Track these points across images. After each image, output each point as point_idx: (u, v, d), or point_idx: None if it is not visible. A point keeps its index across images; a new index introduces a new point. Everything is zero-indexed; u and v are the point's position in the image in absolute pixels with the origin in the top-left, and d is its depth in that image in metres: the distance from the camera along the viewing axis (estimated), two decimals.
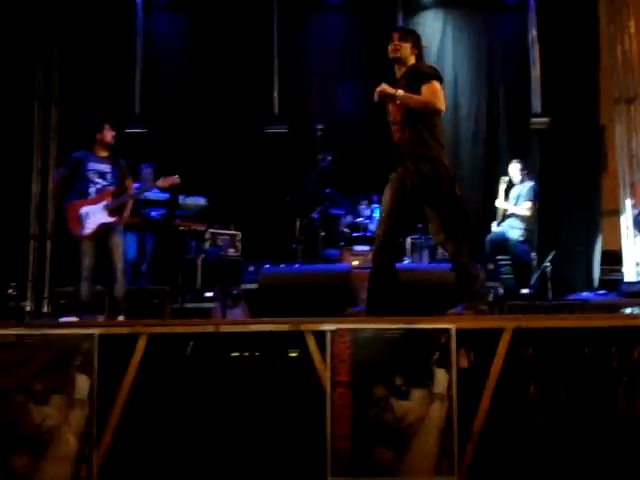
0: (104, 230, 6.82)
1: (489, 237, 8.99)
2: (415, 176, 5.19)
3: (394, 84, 5.30)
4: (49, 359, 4.36)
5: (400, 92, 5.15)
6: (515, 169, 9.20)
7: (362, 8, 11.04)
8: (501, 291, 8.59)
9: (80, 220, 6.79)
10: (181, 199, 8.51)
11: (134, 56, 11.02)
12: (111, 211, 6.83)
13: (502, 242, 8.94)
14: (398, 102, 5.18)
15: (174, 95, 10.79)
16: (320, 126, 8.96)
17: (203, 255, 9.04)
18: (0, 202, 9.93)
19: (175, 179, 7.13)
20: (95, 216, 6.79)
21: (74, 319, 6.60)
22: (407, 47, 5.26)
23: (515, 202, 9.04)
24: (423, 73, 5.23)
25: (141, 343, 4.44)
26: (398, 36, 5.29)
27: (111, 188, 6.91)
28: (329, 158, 9.00)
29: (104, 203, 6.81)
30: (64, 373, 4.34)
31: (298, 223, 9.08)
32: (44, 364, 4.36)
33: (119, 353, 4.47)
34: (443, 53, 11.04)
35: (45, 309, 9.89)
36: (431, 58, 10.88)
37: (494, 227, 9.09)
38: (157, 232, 8.88)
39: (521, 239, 8.89)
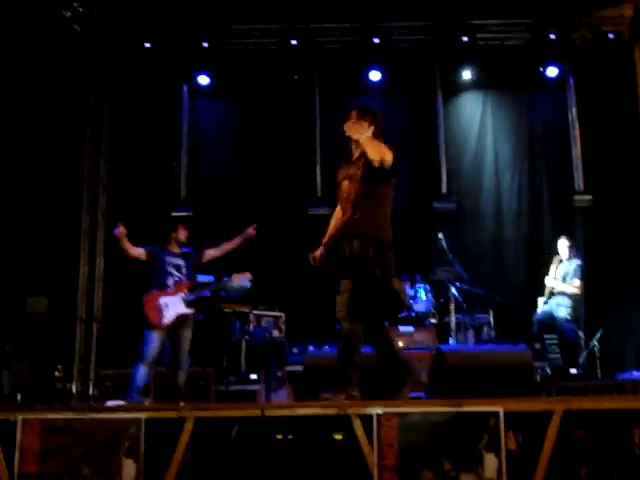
0: (178, 321, 6.97)
1: (536, 316, 8.89)
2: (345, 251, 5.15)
3: (350, 166, 5.35)
4: (96, 443, 4.37)
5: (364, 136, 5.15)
6: (563, 245, 9.11)
7: (402, 89, 11.22)
8: (549, 371, 8.44)
9: (159, 310, 6.97)
10: (226, 281, 8.58)
11: (180, 140, 11.30)
12: (188, 304, 7.01)
13: (550, 321, 8.83)
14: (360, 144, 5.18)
15: (219, 178, 10.99)
16: None
17: (247, 337, 9.07)
18: (49, 284, 10.07)
19: (248, 275, 7.32)
20: (174, 307, 6.97)
21: (121, 403, 6.62)
22: (364, 124, 5.25)
23: (563, 280, 8.93)
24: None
25: (187, 427, 4.44)
26: (356, 115, 5.30)
27: (187, 282, 7.17)
28: None
29: (181, 295, 7.00)
30: (111, 457, 4.35)
31: None
32: (91, 448, 4.37)
33: (166, 437, 4.47)
34: (484, 132, 11.17)
35: (91, 391, 9.92)
36: (472, 138, 11.09)
37: (541, 304, 8.97)
38: (202, 314, 8.93)
39: (568, 317, 8.78)
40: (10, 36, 9.25)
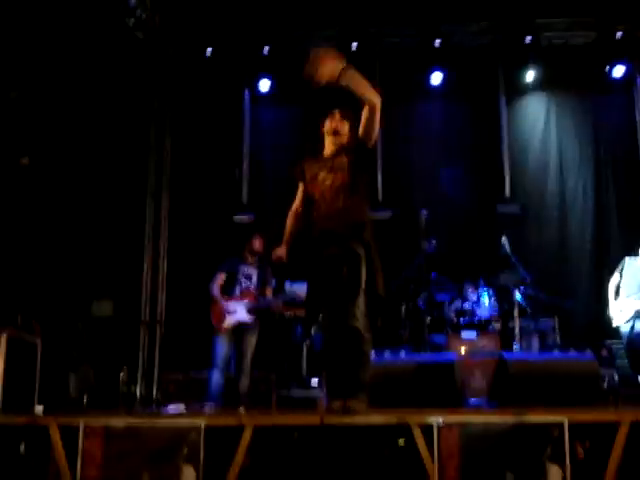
0: (240, 327, 7.03)
1: (629, 338, 8.44)
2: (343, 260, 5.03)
3: (327, 159, 5.34)
4: (156, 449, 4.40)
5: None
6: None
7: (464, 91, 11.11)
8: (616, 378, 8.23)
9: (222, 314, 7.11)
10: (287, 285, 8.59)
11: (242, 145, 11.37)
12: (250, 311, 7.09)
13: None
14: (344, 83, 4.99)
15: (280, 183, 10.98)
16: (424, 211, 8.97)
17: (309, 341, 9.06)
18: (114, 287, 10.23)
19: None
20: (236, 313, 7.08)
21: (182, 407, 6.69)
22: (346, 124, 5.34)
23: None
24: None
25: (247, 434, 4.44)
26: (340, 113, 5.36)
27: (254, 290, 7.34)
28: (434, 242, 8.98)
29: (246, 302, 7.08)
30: (171, 464, 4.37)
31: (404, 308, 9.03)
32: (151, 454, 4.40)
33: (225, 443, 4.47)
34: (548, 135, 11.00)
35: (154, 394, 10.03)
36: (535, 140, 10.94)
37: (622, 324, 8.32)
38: (262, 318, 8.96)
39: None
40: (75, 44, 9.42)
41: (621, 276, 8.53)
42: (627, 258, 8.60)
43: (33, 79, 9.14)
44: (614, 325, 8.43)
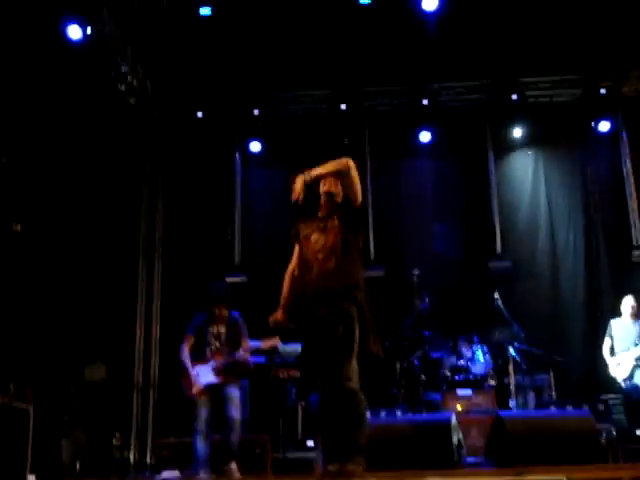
0: (214, 388, 6.95)
1: (628, 392, 8.58)
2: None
3: (320, 220, 5.42)
4: None
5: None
6: (628, 304, 8.86)
7: (453, 151, 11.26)
8: (614, 433, 8.16)
9: (192, 380, 6.99)
10: (280, 347, 8.55)
11: (233, 206, 11.44)
12: (217, 372, 6.99)
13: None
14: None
15: (272, 244, 11.02)
16: (416, 270, 9.02)
17: (303, 403, 8.99)
18: (106, 352, 10.16)
19: (276, 341, 7.25)
20: (204, 376, 6.99)
21: (176, 473, 6.62)
22: (339, 185, 5.42)
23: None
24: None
25: None
26: (332, 176, 5.41)
27: (222, 349, 7.12)
28: (427, 300, 9.02)
29: (212, 364, 6.99)
30: None
31: (398, 367, 8.99)
32: None
33: None
34: (537, 190, 11.12)
35: (148, 460, 9.91)
36: (525, 195, 11.04)
37: (623, 378, 8.65)
38: (257, 380, 8.89)
39: None
40: (68, 110, 9.52)
41: (611, 338, 8.77)
42: (612, 321, 8.91)
43: (25, 144, 9.20)
44: (619, 381, 8.52)
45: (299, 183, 5.23)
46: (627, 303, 8.90)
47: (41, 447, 7.53)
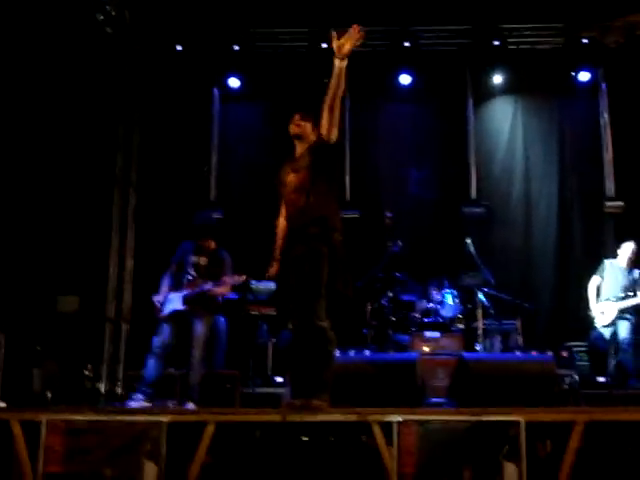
0: (180, 317, 6.95)
1: (597, 337, 8.69)
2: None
3: (293, 161, 5.39)
4: (118, 445, 4.42)
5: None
6: (628, 251, 8.74)
7: (433, 95, 11.23)
8: (577, 379, 8.35)
9: (162, 303, 6.99)
10: (253, 284, 8.61)
11: (210, 142, 11.39)
12: (185, 299, 6.98)
13: (609, 342, 8.61)
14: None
15: (249, 180, 11.02)
16: (390, 213, 9.07)
17: (274, 339, 9.10)
18: (78, 284, 10.17)
19: (240, 278, 7.27)
20: (172, 303, 6.98)
21: (141, 400, 6.69)
22: (308, 126, 5.37)
23: (627, 291, 8.59)
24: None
25: (209, 431, 4.47)
26: (299, 116, 5.41)
27: (197, 280, 7.09)
28: (400, 243, 9.10)
29: (184, 292, 6.99)
30: (133, 459, 4.39)
31: (369, 308, 9.10)
32: (114, 450, 4.43)
33: (188, 440, 4.50)
34: (514, 138, 11.14)
35: (119, 391, 10.01)
36: (502, 143, 11.06)
37: (604, 326, 8.68)
38: (228, 316, 8.96)
39: (630, 335, 8.47)
40: (43, 38, 9.37)
41: (602, 278, 8.72)
42: (606, 261, 8.87)
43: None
44: (597, 325, 8.62)
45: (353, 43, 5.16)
46: (627, 248, 8.76)
47: (12, 375, 7.60)
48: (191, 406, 6.74)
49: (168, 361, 7.13)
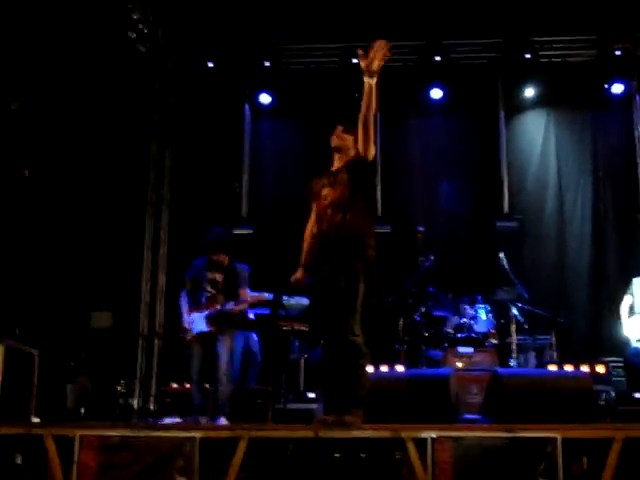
0: (207, 336, 6.97)
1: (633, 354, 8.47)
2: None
3: (330, 175, 5.34)
4: (151, 461, 4.42)
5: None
6: None
7: (464, 109, 11.20)
8: (613, 395, 8.22)
9: (187, 326, 7.01)
10: (285, 299, 8.60)
11: (242, 158, 11.43)
12: (209, 320, 6.98)
13: None
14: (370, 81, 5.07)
15: (280, 197, 11.04)
16: (421, 227, 9.05)
17: (306, 355, 9.08)
18: (112, 300, 10.25)
19: (263, 297, 7.26)
20: (197, 324, 6.99)
21: (178, 420, 6.70)
22: (350, 139, 5.30)
23: None
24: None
25: (241, 446, 4.45)
26: (342, 128, 5.35)
27: (217, 296, 7.09)
28: (432, 258, 9.05)
29: (206, 313, 6.99)
30: (165, 476, 4.39)
31: (401, 323, 9.05)
32: (146, 466, 4.42)
33: (220, 456, 4.49)
34: (547, 152, 11.05)
35: (152, 407, 10.04)
36: (534, 156, 10.98)
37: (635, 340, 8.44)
38: (260, 332, 8.95)
39: None
40: (78, 57, 9.49)
41: (633, 296, 8.63)
42: (635, 279, 8.73)
43: (35, 90, 9.19)
44: (632, 342, 8.50)
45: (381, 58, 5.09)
46: None
47: (46, 391, 7.65)
48: (223, 421, 6.73)
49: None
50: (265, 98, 11.27)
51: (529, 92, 10.98)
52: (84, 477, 4.43)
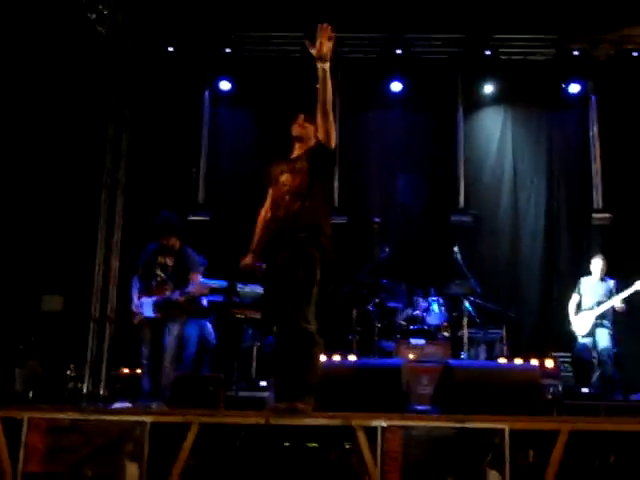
0: (156, 322, 6.91)
1: (581, 349, 8.87)
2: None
3: (290, 162, 5.34)
4: (100, 445, 4.38)
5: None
6: (598, 265, 9.08)
7: (423, 103, 11.25)
8: (560, 389, 8.37)
9: (135, 310, 6.96)
10: (239, 287, 8.58)
11: (200, 144, 11.36)
12: (156, 307, 6.93)
13: (590, 352, 8.83)
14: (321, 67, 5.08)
15: (237, 184, 10.99)
16: (377, 219, 9.08)
17: (259, 343, 9.08)
18: (63, 283, 10.13)
19: (205, 289, 7.23)
20: (144, 309, 6.93)
21: (128, 405, 6.65)
22: (311, 128, 5.30)
23: (601, 299, 8.86)
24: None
25: (192, 432, 4.44)
26: (304, 117, 5.36)
27: (167, 282, 7.04)
28: (387, 250, 9.09)
29: (154, 299, 6.93)
30: (114, 460, 4.35)
31: (354, 314, 9.08)
32: (95, 450, 4.38)
33: (170, 441, 4.47)
34: (503, 148, 11.17)
35: (102, 392, 9.96)
36: (491, 152, 11.08)
37: (580, 337, 8.94)
38: (214, 319, 8.93)
39: (610, 344, 8.75)
40: (34, 36, 9.33)
41: (580, 294, 8.92)
42: (582, 279, 9.02)
43: None
44: (579, 338, 8.72)
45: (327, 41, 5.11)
46: (596, 264, 9.09)
47: None
48: (154, 405, 6.66)
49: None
50: (225, 85, 11.21)
51: (488, 88, 11.08)
52: (32, 459, 4.38)
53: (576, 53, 10.79)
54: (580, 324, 8.90)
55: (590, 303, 8.92)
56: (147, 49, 11.09)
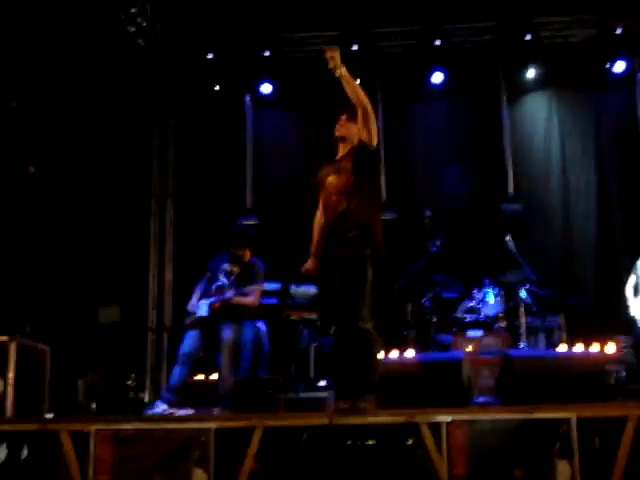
0: (207, 322, 6.96)
1: None
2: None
3: (335, 163, 5.37)
4: (167, 453, 4.44)
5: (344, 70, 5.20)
6: None
7: (466, 93, 11.14)
8: (624, 374, 8.22)
9: (190, 309, 7.08)
10: (292, 288, 8.60)
11: (244, 149, 11.41)
12: (211, 307, 6.98)
13: None
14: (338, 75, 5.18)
15: (284, 187, 11.03)
16: (428, 212, 9.02)
17: (315, 344, 9.08)
18: (119, 294, 10.26)
19: (256, 302, 7.27)
20: (199, 309, 7.00)
21: (191, 412, 6.70)
22: (353, 127, 5.33)
23: None
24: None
25: (257, 435, 4.47)
26: (345, 117, 5.39)
27: (227, 288, 7.10)
28: (438, 243, 9.03)
29: (212, 299, 6.99)
30: (181, 466, 4.41)
31: (409, 309, 9.05)
32: (162, 458, 4.44)
33: (235, 446, 4.50)
34: (550, 133, 11.00)
35: None
36: (538, 138, 10.94)
37: None
38: (269, 322, 8.95)
39: None
40: (78, 53, 9.48)
41: (637, 276, 8.66)
42: (639, 260, 8.74)
43: (35, 87, 9.19)
44: (637, 320, 8.54)
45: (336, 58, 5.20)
46: None
47: (58, 387, 7.67)
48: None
49: (196, 368, 7.18)
50: (266, 88, 11.21)
51: (530, 74, 10.91)
52: (100, 471, 4.45)
53: (619, 31, 10.57)
54: (639, 306, 8.71)
55: None
56: (187, 57, 11.17)
